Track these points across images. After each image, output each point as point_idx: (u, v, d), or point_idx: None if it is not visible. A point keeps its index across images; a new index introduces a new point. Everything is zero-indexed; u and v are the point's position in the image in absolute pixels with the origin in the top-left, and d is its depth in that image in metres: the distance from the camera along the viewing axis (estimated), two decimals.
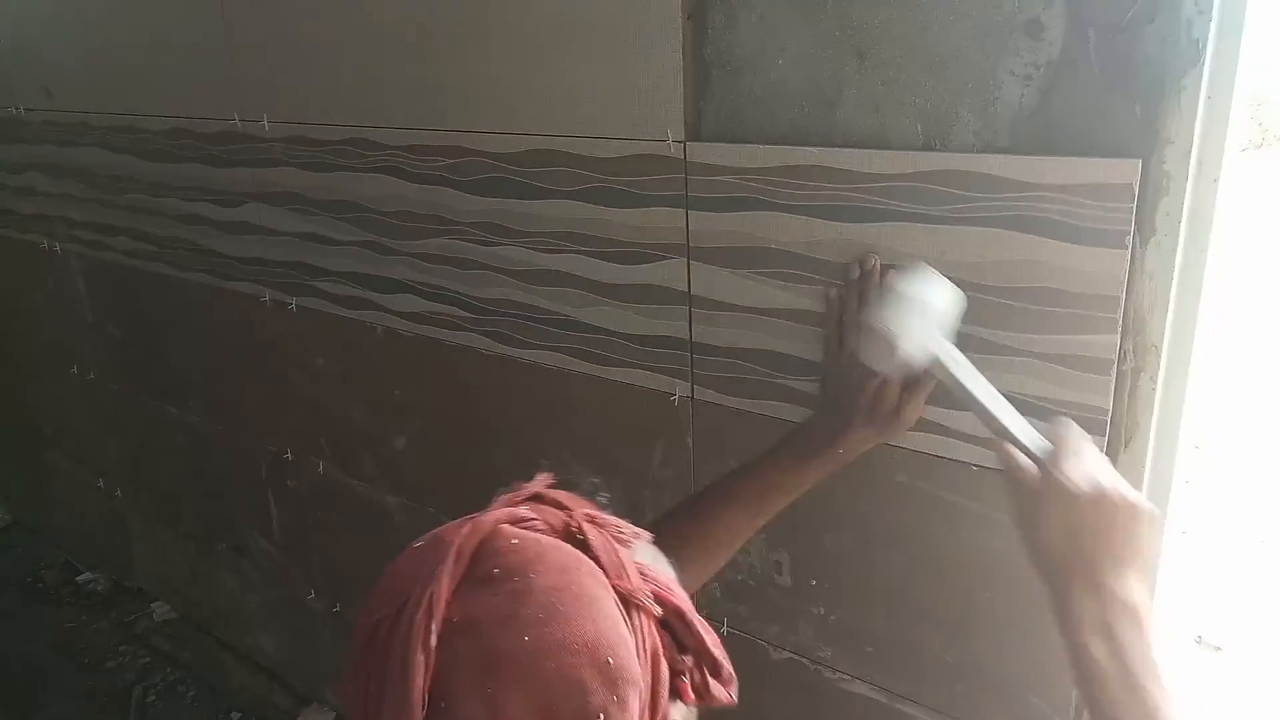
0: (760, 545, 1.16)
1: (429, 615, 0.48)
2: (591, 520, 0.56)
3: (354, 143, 1.41)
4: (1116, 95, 0.80)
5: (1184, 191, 0.79)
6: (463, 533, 0.52)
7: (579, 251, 1.20)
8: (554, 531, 0.55)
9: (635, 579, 0.54)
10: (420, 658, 0.47)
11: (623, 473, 1.28)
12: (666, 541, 0.90)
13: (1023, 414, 0.81)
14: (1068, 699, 0.97)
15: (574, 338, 1.26)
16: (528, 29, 1.15)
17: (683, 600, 0.56)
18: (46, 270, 2.28)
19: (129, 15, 1.73)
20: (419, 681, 0.47)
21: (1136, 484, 0.89)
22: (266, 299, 1.70)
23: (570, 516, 0.56)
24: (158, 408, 2.15)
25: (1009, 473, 0.79)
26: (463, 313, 1.38)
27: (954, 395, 0.84)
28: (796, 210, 0.98)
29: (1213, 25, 0.75)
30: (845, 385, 0.94)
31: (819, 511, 1.09)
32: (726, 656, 0.55)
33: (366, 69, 1.36)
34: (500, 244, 1.28)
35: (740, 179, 1.01)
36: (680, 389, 1.17)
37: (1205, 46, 0.75)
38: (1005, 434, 0.80)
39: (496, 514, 0.55)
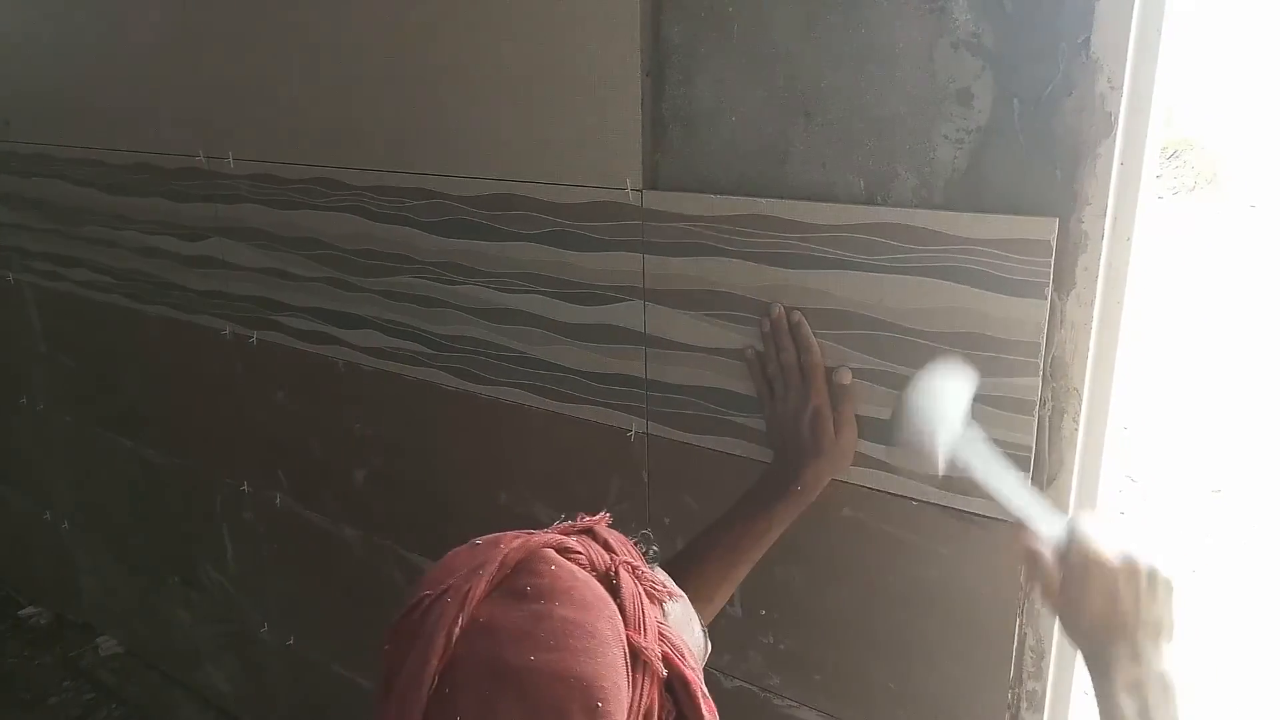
0: None
1: (460, 608, 0.53)
2: (631, 569, 0.60)
3: (320, 182, 1.45)
4: (1039, 159, 0.87)
5: (1100, 248, 0.86)
6: (514, 545, 0.57)
7: (540, 292, 1.24)
8: (593, 569, 0.59)
9: (651, 636, 0.57)
10: (441, 642, 0.53)
11: (580, 506, 1.30)
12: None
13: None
14: None
15: (534, 375, 1.30)
16: (495, 79, 1.20)
17: (691, 671, 0.58)
18: None
19: (94, 49, 1.75)
20: (434, 662, 0.52)
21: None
22: (227, 332, 1.71)
23: (613, 560, 0.60)
24: (111, 439, 2.14)
25: (1030, 550, 0.82)
26: (424, 349, 1.42)
27: (979, 480, 0.85)
28: (747, 257, 1.04)
29: (1124, 99, 0.83)
30: (785, 428, 1.01)
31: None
32: None
33: (334, 111, 1.40)
34: (463, 283, 1.32)
35: (695, 226, 1.07)
36: (636, 425, 1.21)
37: (1117, 118, 0.83)
38: (1025, 513, 0.83)
39: (548, 536, 0.59)
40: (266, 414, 1.73)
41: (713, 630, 1.23)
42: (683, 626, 0.63)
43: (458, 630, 0.53)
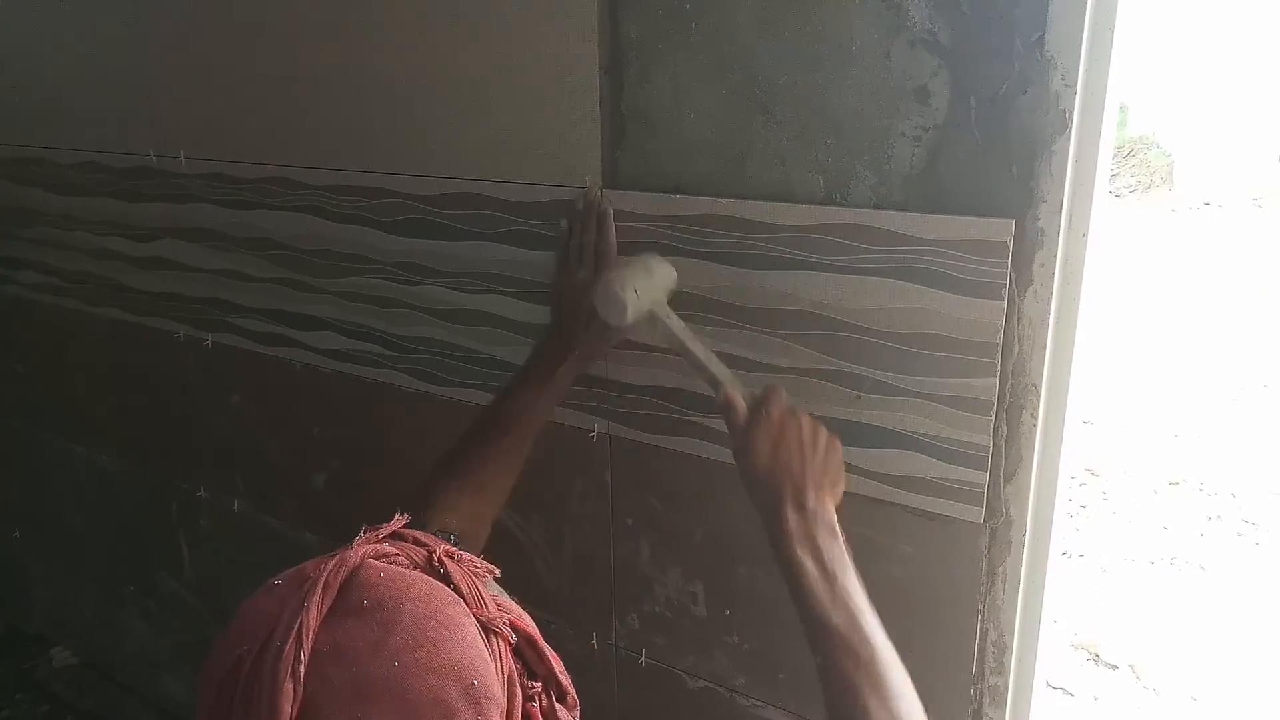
0: (677, 578, 1.20)
1: (298, 644, 0.51)
2: (450, 556, 0.60)
3: (274, 181, 1.42)
4: (995, 157, 0.87)
5: (1056, 244, 0.87)
6: (329, 566, 0.55)
7: (499, 292, 1.23)
8: (417, 566, 0.58)
9: (493, 609, 0.58)
10: (289, 686, 0.49)
11: (543, 508, 1.31)
12: (444, 493, 0.95)
13: (909, 450, 0.88)
14: (963, 718, 1.03)
15: (494, 375, 1.28)
16: (452, 76, 1.18)
17: (534, 628, 0.60)
18: None
19: (39, 46, 1.70)
20: (287, 709, 0.49)
21: (1021, 512, 0.95)
22: (181, 335, 1.68)
23: (431, 552, 0.60)
24: (62, 445, 2.09)
25: (727, 411, 0.92)
26: (383, 350, 1.39)
27: (673, 349, 0.98)
28: (707, 257, 1.03)
29: (1078, 97, 0.83)
30: (569, 298, 1.06)
31: (732, 544, 1.14)
32: (571, 682, 0.60)
33: (289, 110, 1.37)
34: (421, 283, 1.30)
35: (654, 225, 1.06)
36: (599, 426, 1.20)
37: (1071, 116, 0.83)
38: (716, 382, 0.95)
39: (362, 549, 0.57)
40: (222, 418, 1.69)
41: (677, 632, 1.22)
42: (504, 595, 0.65)
43: (303, 669, 0.50)
